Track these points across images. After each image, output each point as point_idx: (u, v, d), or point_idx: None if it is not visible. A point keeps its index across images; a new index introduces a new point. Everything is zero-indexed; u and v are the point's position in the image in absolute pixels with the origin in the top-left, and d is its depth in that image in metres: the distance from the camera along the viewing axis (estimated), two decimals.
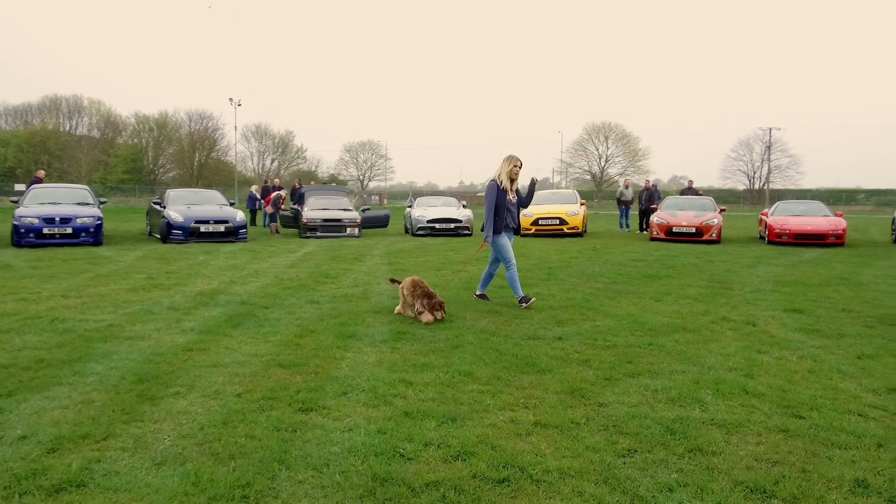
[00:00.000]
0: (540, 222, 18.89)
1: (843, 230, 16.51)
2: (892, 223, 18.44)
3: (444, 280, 9.40)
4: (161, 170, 69.57)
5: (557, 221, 18.80)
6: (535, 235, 18.85)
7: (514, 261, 7.26)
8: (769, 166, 71.71)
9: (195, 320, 6.40)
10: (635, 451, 3.29)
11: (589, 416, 3.78)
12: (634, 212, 23.49)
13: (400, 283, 6.83)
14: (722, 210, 18.81)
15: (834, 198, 60.26)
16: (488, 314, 6.86)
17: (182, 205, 17.06)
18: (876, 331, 6.20)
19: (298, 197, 21.12)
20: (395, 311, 6.77)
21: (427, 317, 6.29)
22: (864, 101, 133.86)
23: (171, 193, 18.26)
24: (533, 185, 7.49)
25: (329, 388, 4.26)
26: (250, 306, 7.19)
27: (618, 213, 24.41)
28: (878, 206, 59.62)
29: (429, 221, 19.41)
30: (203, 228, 16.21)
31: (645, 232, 21.31)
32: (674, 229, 17.26)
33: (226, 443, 3.32)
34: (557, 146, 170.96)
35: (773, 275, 10.40)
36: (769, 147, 71.06)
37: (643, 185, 22.82)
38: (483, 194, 8.00)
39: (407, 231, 20.90)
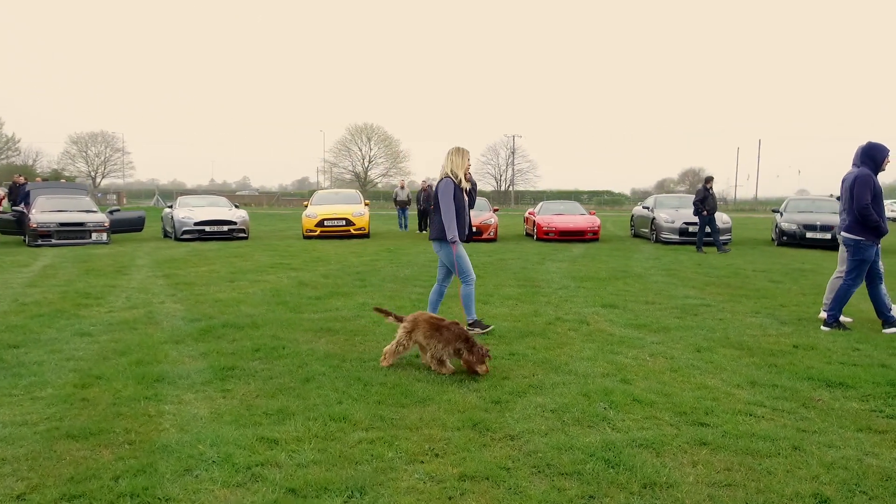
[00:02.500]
0: (325, 223, 17.93)
1: (599, 227, 18.51)
2: (631, 220, 21.28)
3: (244, 293, 8.09)
4: None
5: (344, 222, 18.04)
6: (320, 237, 17.85)
7: (473, 275, 6.04)
8: (513, 170, 79.41)
9: None
10: (592, 496, 2.80)
11: (513, 457, 3.21)
12: (413, 212, 23.71)
13: (401, 319, 4.96)
14: (495, 210, 19.85)
15: (563, 197, 68.76)
16: (322, 333, 5.92)
17: None
18: (688, 321, 6.67)
19: (23, 196, 17.19)
20: (388, 357, 4.85)
21: (483, 367, 4.60)
22: (583, 112, 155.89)
23: None
24: (474, 185, 6.21)
25: (162, 465, 3.05)
26: None
27: (395, 213, 24.45)
28: (599, 204, 69.57)
29: (197, 224, 17.18)
30: None
31: (425, 232, 21.62)
32: None
33: None
34: (320, 145, 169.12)
35: (563, 271, 11.00)
36: (513, 152, 78.69)
37: (420, 185, 23.16)
38: (243, 192, 6.93)
39: (167, 235, 18.31)
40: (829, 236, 16.22)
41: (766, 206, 61.95)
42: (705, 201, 15.02)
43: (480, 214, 18.39)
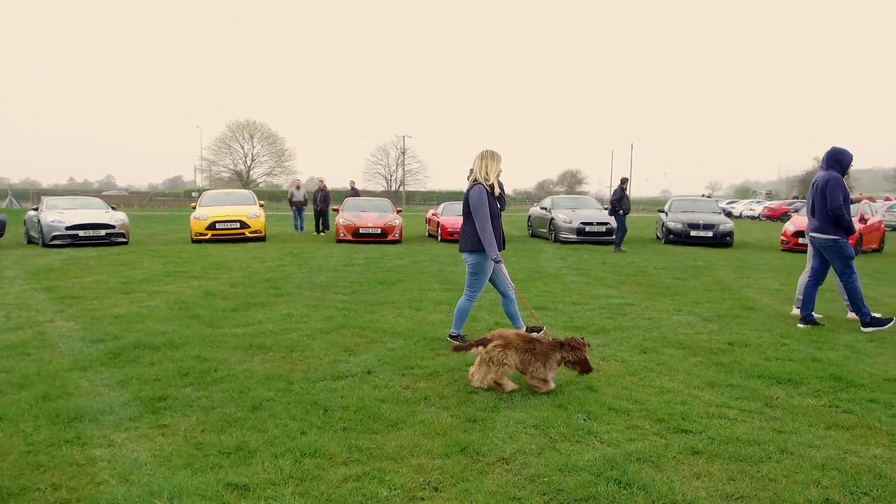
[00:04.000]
0: (217, 226, 16.75)
1: None
2: (528, 220, 21.79)
3: (146, 307, 7.26)
4: None
5: (238, 225, 16.94)
6: (211, 241, 16.65)
7: (480, 293, 5.69)
8: (404, 170, 79.30)
9: None
10: None
11: (518, 484, 2.97)
12: (309, 213, 22.80)
13: (485, 341, 4.39)
14: (399, 211, 19.56)
15: (455, 198, 69.62)
16: (254, 351, 5.37)
17: None
18: (621, 322, 6.76)
19: None
20: (489, 382, 4.34)
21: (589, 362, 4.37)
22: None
23: None
24: (503, 190, 5.72)
25: None
26: None
27: (284, 213, 23.42)
28: None
29: (69, 228, 15.41)
30: None
31: (321, 233, 20.89)
32: (360, 230, 17.19)
33: None
34: (195, 142, 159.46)
35: None
36: (403, 153, 78.55)
37: (318, 185, 22.34)
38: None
39: (32, 241, 16.30)
40: (710, 234, 17.47)
41: (638, 206, 66.25)
42: (621, 201, 15.56)
43: (385, 216, 18.04)
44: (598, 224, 17.57)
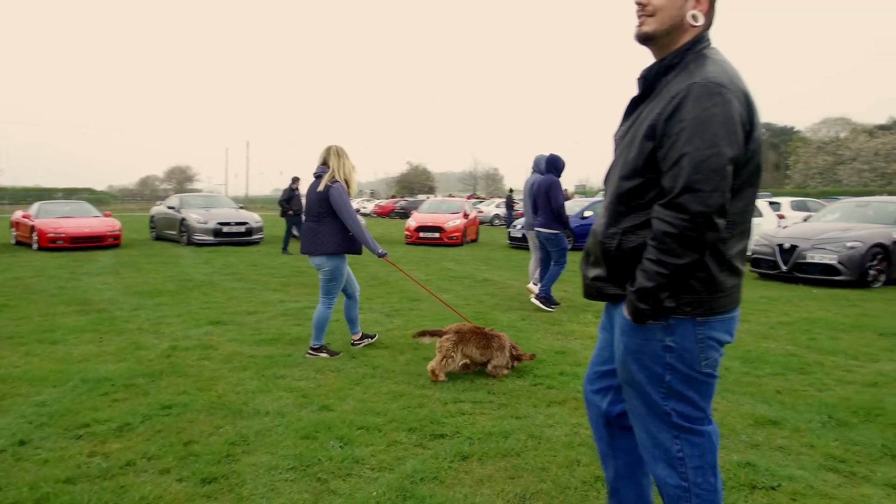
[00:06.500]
0: None
1: (120, 230, 16.17)
2: (151, 221, 19.30)
3: None
4: None
5: None
6: None
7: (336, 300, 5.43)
8: None
9: None
10: None
11: None
12: None
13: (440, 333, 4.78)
14: None
15: (34, 196, 57.84)
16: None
17: None
18: (305, 329, 6.42)
19: None
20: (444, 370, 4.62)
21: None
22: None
23: None
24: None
25: None
26: None
27: None
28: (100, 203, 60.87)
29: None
30: None
31: None
32: None
33: None
34: None
35: (117, 286, 9.15)
36: None
37: None
38: None
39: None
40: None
41: (257, 204, 65.84)
42: (291, 201, 14.77)
43: None
44: (237, 224, 16.63)
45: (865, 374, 4.81)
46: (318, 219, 5.14)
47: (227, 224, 16.50)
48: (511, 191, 30.54)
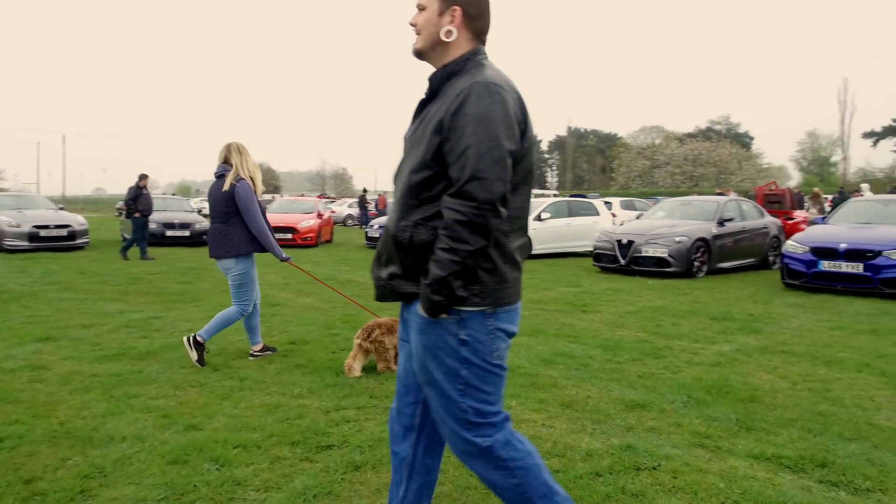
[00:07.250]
0: None
1: None
2: None
3: None
4: None
5: None
6: None
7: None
8: None
9: None
10: None
11: None
12: None
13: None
14: None
15: None
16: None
17: None
18: (160, 340, 5.84)
19: None
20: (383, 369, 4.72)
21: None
22: None
23: None
24: None
25: None
26: None
27: None
28: None
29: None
30: None
31: None
32: None
33: None
34: None
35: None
36: None
37: None
38: None
39: None
40: (187, 233, 16.99)
41: (78, 205, 59.14)
42: (138, 200, 13.16)
43: None
44: (57, 227, 14.75)
45: (708, 356, 5.34)
46: (226, 219, 4.90)
47: (46, 227, 14.58)
48: (365, 191, 30.35)
